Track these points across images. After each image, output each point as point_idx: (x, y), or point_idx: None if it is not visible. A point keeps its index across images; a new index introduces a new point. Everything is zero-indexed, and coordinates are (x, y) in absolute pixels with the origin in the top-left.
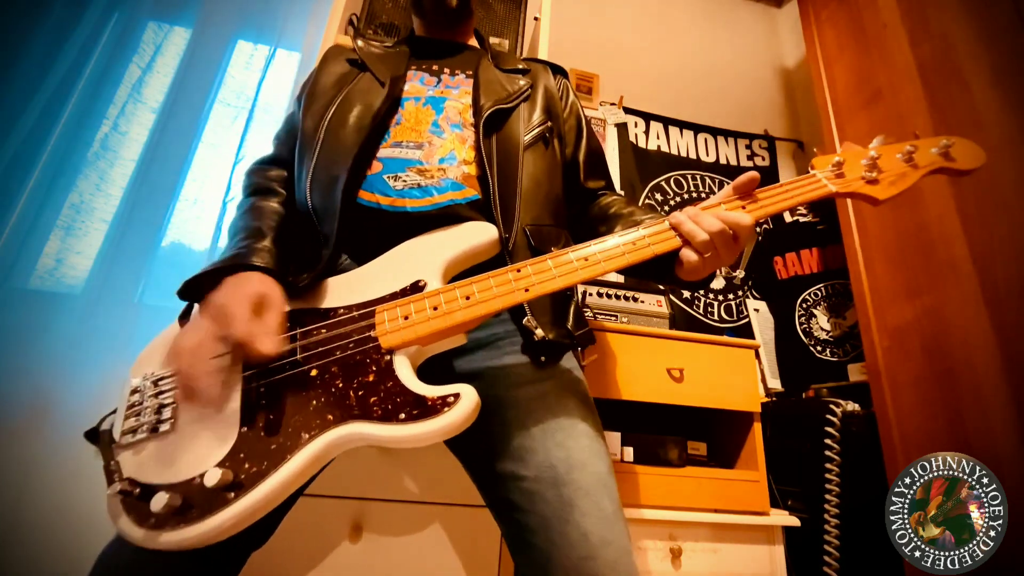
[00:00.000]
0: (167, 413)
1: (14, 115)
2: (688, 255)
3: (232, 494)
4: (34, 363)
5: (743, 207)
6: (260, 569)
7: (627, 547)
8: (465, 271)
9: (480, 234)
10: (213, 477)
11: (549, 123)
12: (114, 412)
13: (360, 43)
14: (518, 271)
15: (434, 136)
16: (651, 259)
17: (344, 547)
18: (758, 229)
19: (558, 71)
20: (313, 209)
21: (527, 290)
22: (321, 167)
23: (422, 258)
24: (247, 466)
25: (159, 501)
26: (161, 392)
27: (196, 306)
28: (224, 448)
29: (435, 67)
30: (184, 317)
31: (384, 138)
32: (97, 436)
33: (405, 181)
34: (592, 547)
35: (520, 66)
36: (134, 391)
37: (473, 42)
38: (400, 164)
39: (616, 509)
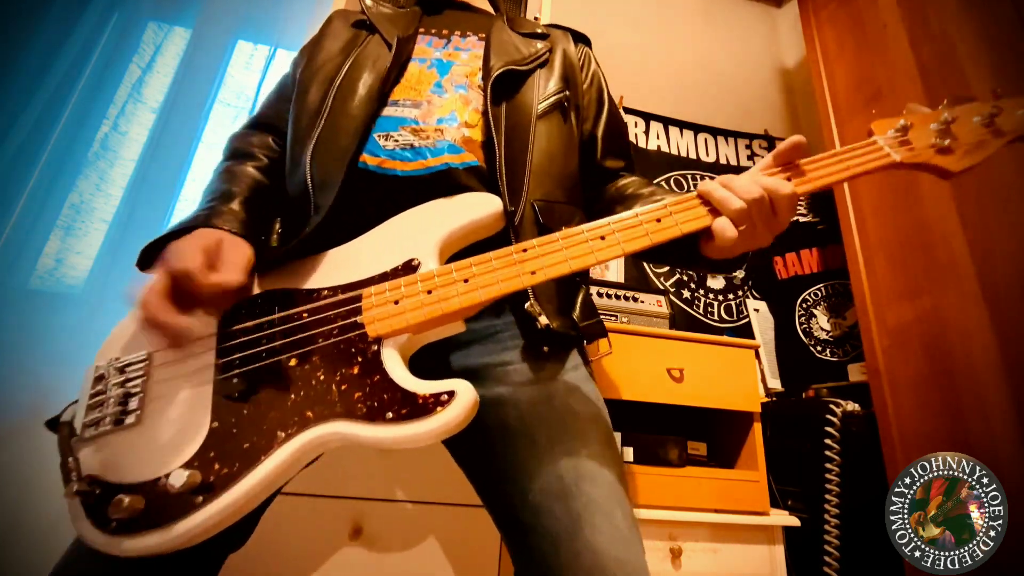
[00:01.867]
0: (133, 404)
1: (14, 115)
2: (722, 227)
3: (200, 498)
4: (34, 363)
5: (788, 178)
6: (260, 568)
7: (643, 564)
8: (465, 249)
9: (482, 206)
10: (179, 479)
11: (567, 92)
12: (77, 402)
13: (369, 3)
14: (524, 250)
15: (434, 96)
16: (677, 238)
17: (344, 547)
18: None
19: (580, 39)
20: (312, 180)
21: (534, 273)
22: (325, 138)
23: (416, 233)
24: (217, 467)
25: (119, 504)
26: (128, 380)
27: None
28: (193, 446)
29: (445, 30)
30: None
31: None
32: (57, 427)
33: (397, 141)
34: (605, 567)
35: (539, 30)
36: (98, 379)
37: (486, 5)
38: (393, 122)
39: (630, 523)
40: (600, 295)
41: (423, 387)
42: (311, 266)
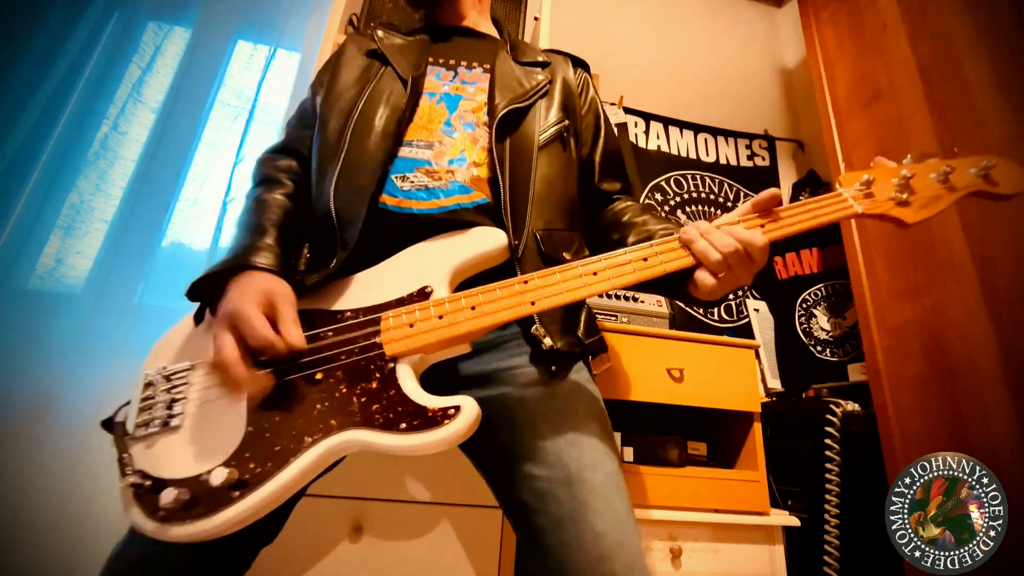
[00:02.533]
0: (178, 408)
1: (14, 115)
2: (703, 276)
3: (237, 493)
4: (34, 363)
5: (761, 225)
6: (260, 568)
7: (640, 548)
8: (474, 277)
9: (489, 240)
10: (219, 476)
11: (566, 122)
12: (128, 404)
13: (381, 33)
14: (525, 282)
15: (445, 136)
16: (662, 276)
17: (344, 547)
18: None
19: (579, 64)
20: (337, 215)
21: (533, 303)
22: (347, 173)
23: (430, 263)
24: (252, 466)
25: (168, 496)
26: (173, 387)
27: (207, 310)
28: (231, 447)
29: (452, 61)
30: (199, 317)
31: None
32: (112, 427)
33: (412, 182)
34: (607, 548)
35: (540, 58)
36: (147, 384)
37: (490, 29)
38: (409, 164)
39: (628, 509)
40: (601, 295)
41: (433, 402)
42: (336, 290)
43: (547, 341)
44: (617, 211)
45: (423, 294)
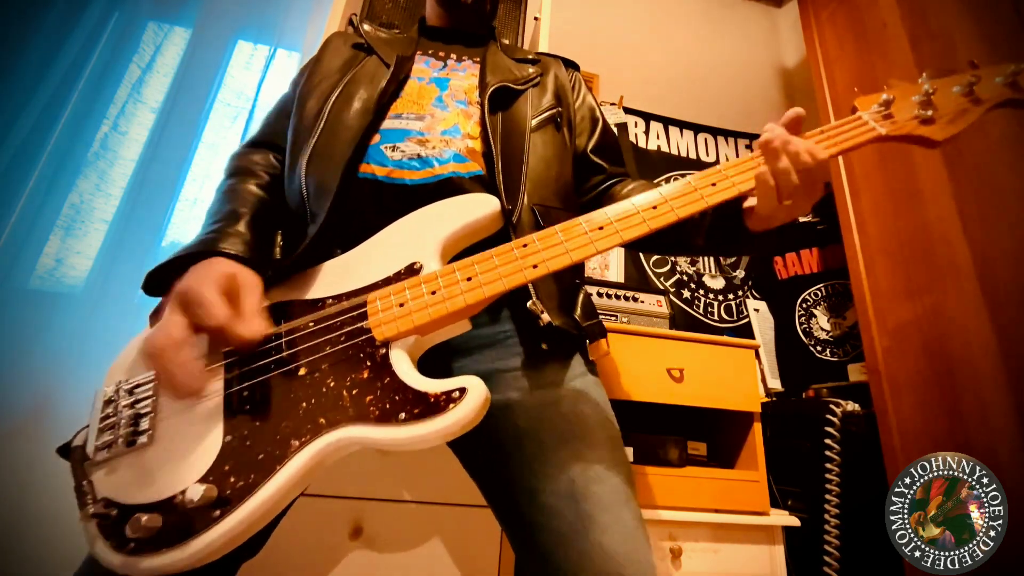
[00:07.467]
0: (144, 424)
1: (14, 115)
2: (764, 200)
3: (218, 512)
4: (34, 363)
5: None
6: (260, 569)
7: (652, 562)
8: (466, 250)
9: (480, 206)
10: (195, 494)
11: (559, 108)
12: (87, 427)
13: (367, 27)
14: (524, 245)
15: (437, 109)
16: (676, 223)
17: (344, 547)
18: None
19: (570, 65)
20: (307, 189)
21: (535, 266)
22: (322, 147)
23: (417, 237)
24: (233, 479)
25: (137, 524)
26: (137, 401)
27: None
28: (207, 460)
29: (441, 53)
30: (156, 315)
31: (385, 114)
32: (69, 453)
33: (403, 151)
34: (616, 565)
35: (530, 56)
36: (107, 402)
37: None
38: (399, 134)
39: (638, 523)
40: (600, 295)
41: (434, 386)
42: (314, 276)
43: (544, 316)
44: (624, 192)
45: (412, 271)
